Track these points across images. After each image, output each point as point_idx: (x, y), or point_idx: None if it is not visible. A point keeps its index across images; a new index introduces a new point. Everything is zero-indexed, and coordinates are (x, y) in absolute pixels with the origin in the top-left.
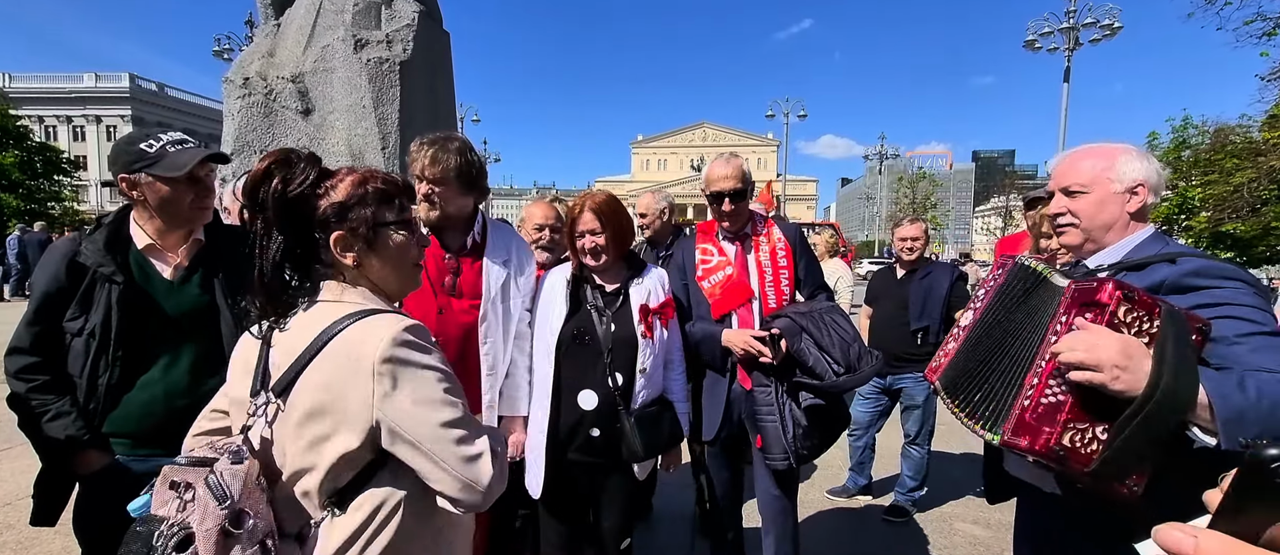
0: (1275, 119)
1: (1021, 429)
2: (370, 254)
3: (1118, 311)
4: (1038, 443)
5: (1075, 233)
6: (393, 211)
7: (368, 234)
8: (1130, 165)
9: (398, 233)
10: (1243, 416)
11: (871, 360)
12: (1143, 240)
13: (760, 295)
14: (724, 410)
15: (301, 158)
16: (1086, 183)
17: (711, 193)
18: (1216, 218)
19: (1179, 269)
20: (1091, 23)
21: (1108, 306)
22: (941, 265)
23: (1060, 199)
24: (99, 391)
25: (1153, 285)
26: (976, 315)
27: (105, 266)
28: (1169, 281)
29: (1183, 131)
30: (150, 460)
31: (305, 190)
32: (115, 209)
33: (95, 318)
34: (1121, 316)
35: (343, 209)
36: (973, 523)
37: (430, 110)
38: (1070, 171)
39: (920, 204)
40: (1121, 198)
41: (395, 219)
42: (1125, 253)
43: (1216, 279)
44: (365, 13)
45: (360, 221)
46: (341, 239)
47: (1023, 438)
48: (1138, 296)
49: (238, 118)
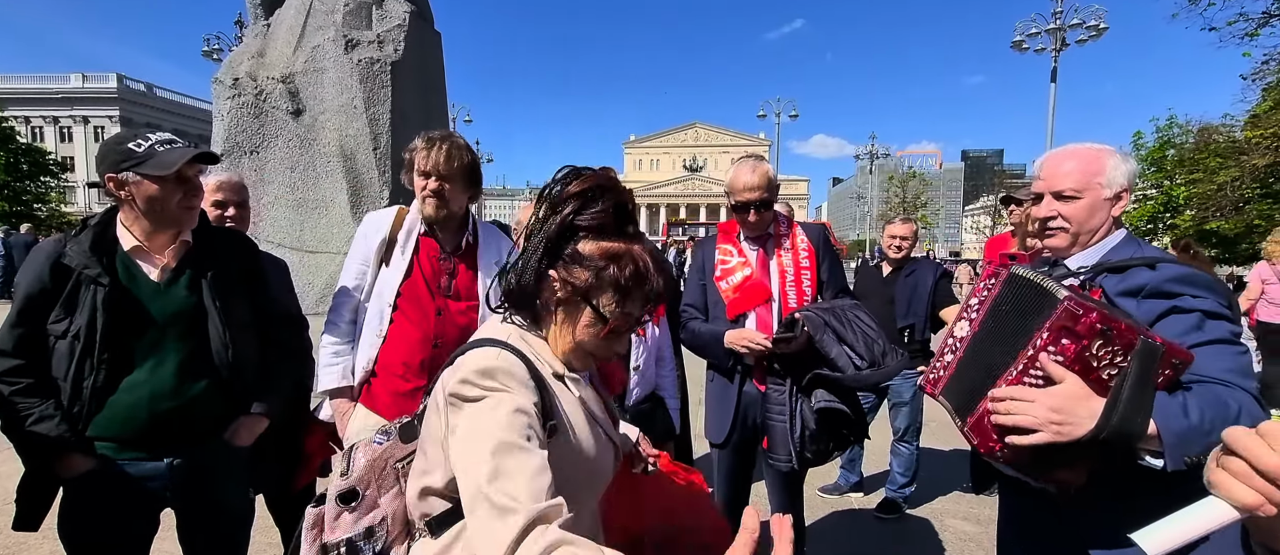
0: (1258, 118)
1: (977, 429)
2: (561, 309)
3: (1091, 346)
4: (983, 446)
5: (1064, 236)
6: (613, 300)
7: (571, 295)
8: (1118, 171)
9: (595, 321)
10: (1186, 440)
11: (896, 356)
12: (1118, 243)
13: (780, 297)
14: (735, 413)
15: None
16: (1079, 187)
17: (738, 202)
18: (1201, 216)
19: (1159, 275)
20: (1078, 24)
21: (1082, 337)
22: (927, 263)
23: (1051, 203)
24: (84, 394)
25: (1133, 288)
26: (974, 328)
27: (91, 268)
28: (1150, 287)
29: (1167, 131)
30: (135, 464)
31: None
32: (102, 211)
33: (80, 320)
34: (1094, 350)
35: (577, 257)
36: (963, 518)
37: (422, 111)
38: (1060, 175)
39: (911, 203)
40: (1109, 203)
41: (605, 309)
42: (1103, 254)
43: (1191, 287)
44: (356, 13)
45: (578, 279)
46: (556, 277)
47: (976, 436)
48: (1117, 334)
49: (227, 118)
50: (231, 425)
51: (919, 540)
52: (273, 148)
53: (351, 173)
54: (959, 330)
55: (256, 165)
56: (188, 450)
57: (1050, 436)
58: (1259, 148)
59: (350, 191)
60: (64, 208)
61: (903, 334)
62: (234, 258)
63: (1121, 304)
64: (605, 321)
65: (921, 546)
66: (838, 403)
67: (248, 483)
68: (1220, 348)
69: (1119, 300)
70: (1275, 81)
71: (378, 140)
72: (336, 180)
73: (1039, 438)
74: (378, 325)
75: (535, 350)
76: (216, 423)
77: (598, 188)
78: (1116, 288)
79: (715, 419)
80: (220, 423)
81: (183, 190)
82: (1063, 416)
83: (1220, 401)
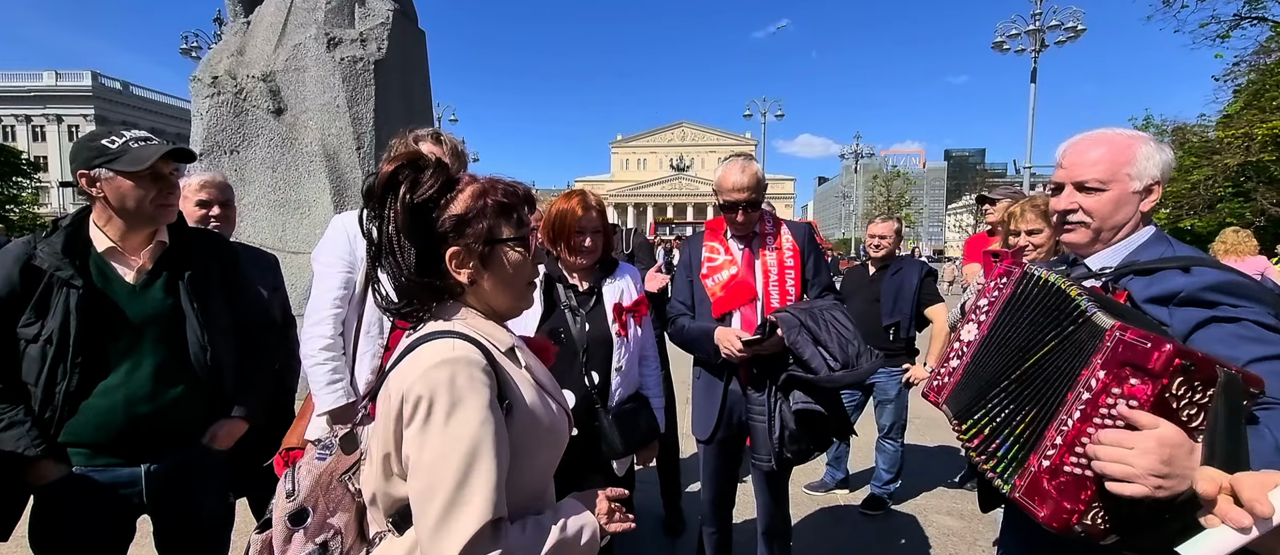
0: (1229, 118)
1: (1036, 492)
2: (483, 272)
3: (1171, 385)
4: (1056, 518)
5: (1085, 232)
6: (511, 227)
7: (483, 250)
8: (1150, 160)
9: (515, 250)
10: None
11: (870, 358)
12: (1145, 241)
13: (764, 295)
14: (721, 411)
15: (429, 164)
16: (1104, 179)
17: (726, 202)
18: (1175, 214)
19: (1196, 281)
20: (1056, 25)
21: (1159, 377)
22: (912, 261)
23: (1072, 194)
24: (56, 399)
25: (1164, 295)
26: (983, 332)
27: (63, 270)
28: (1185, 293)
29: (1143, 130)
30: (109, 471)
31: (429, 199)
32: (73, 211)
33: (52, 323)
34: (1175, 390)
35: (461, 223)
36: (947, 514)
37: (406, 110)
38: (1084, 164)
39: (895, 202)
40: (1138, 197)
41: (513, 235)
42: (1128, 254)
43: (1231, 296)
44: (338, 11)
45: (476, 236)
46: (456, 255)
47: (1039, 505)
48: (1196, 364)
49: (207, 117)
50: (210, 429)
51: (903, 536)
52: (253, 147)
53: (334, 172)
54: (966, 334)
55: (236, 165)
56: (165, 455)
57: (1148, 491)
58: (1230, 147)
59: (333, 191)
60: (37, 209)
61: (888, 332)
62: (212, 259)
63: (1150, 311)
64: (525, 243)
65: (906, 542)
66: (814, 404)
67: (227, 488)
68: (1276, 365)
69: (1146, 307)
70: (1245, 83)
71: (361, 140)
72: (319, 180)
73: (1136, 491)
74: (378, 334)
75: (482, 330)
76: (194, 427)
77: (408, 163)
78: (1144, 293)
79: (701, 416)
80: (198, 427)
81: (157, 188)
82: (1167, 471)
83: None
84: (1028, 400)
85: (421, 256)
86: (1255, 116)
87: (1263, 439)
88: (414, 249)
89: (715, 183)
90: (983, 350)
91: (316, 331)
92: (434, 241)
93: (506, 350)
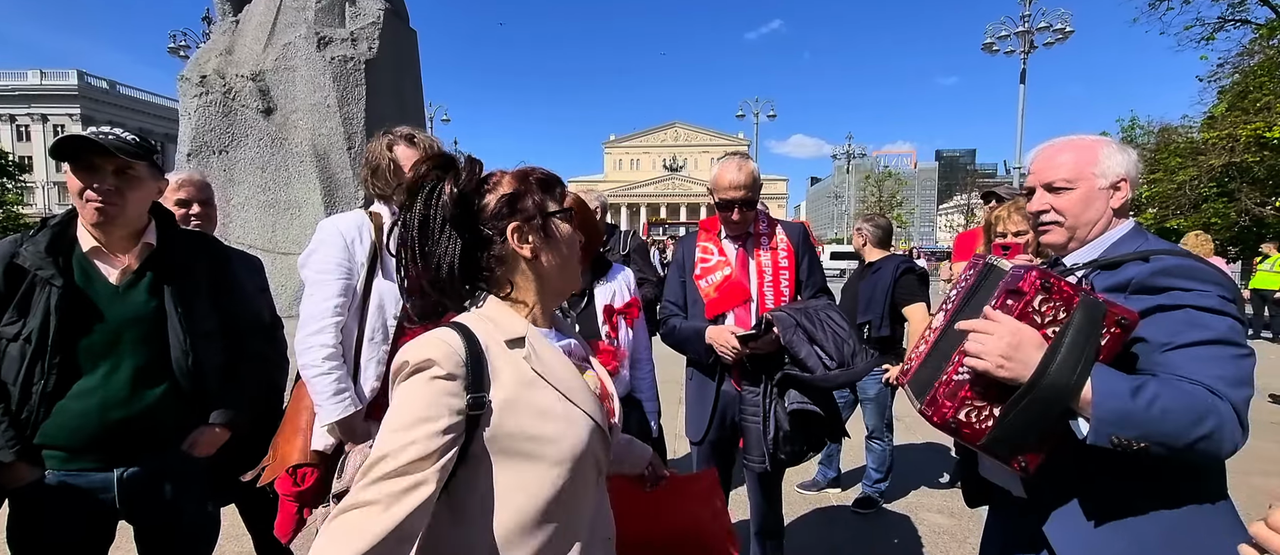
0: (1213, 120)
1: (930, 402)
2: (546, 244)
3: (1033, 300)
4: (937, 414)
5: (1060, 231)
6: (556, 201)
7: (541, 222)
8: (1112, 158)
9: (564, 221)
10: (1123, 419)
11: (865, 357)
12: (1121, 237)
13: (758, 297)
14: (713, 412)
15: (460, 156)
16: (1071, 178)
17: (722, 200)
18: (1161, 214)
19: (1150, 267)
20: (1045, 27)
21: (1026, 295)
22: (890, 260)
23: (1042, 196)
24: (33, 400)
25: (1120, 283)
26: (945, 318)
27: (45, 270)
28: (1136, 280)
29: (1130, 131)
30: (83, 475)
31: (473, 188)
32: (62, 212)
33: (33, 323)
34: (1037, 306)
35: (513, 200)
36: (937, 512)
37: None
38: (1052, 167)
39: (886, 202)
40: (1106, 193)
41: (559, 208)
42: (1103, 250)
43: (1183, 279)
44: (328, 10)
45: (530, 212)
46: (518, 229)
47: (929, 409)
48: (1056, 288)
49: (195, 117)
50: (190, 436)
51: (895, 534)
52: (242, 147)
53: (325, 173)
54: (935, 322)
55: (225, 165)
56: (140, 460)
57: (992, 367)
58: (1215, 148)
59: (324, 192)
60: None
61: (861, 330)
62: (200, 261)
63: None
64: (570, 215)
65: (897, 540)
66: (810, 404)
67: (208, 495)
68: (1210, 349)
69: (1107, 296)
70: (1229, 84)
71: (352, 140)
72: (309, 181)
73: (982, 366)
74: (383, 340)
75: (495, 318)
76: (174, 433)
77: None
78: (1105, 283)
79: (694, 416)
80: (178, 433)
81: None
82: (1012, 354)
83: (1189, 402)
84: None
85: (466, 248)
86: (1239, 118)
87: (1129, 379)
88: (459, 240)
89: (711, 181)
90: (942, 333)
91: (317, 341)
92: (481, 229)
93: (514, 338)
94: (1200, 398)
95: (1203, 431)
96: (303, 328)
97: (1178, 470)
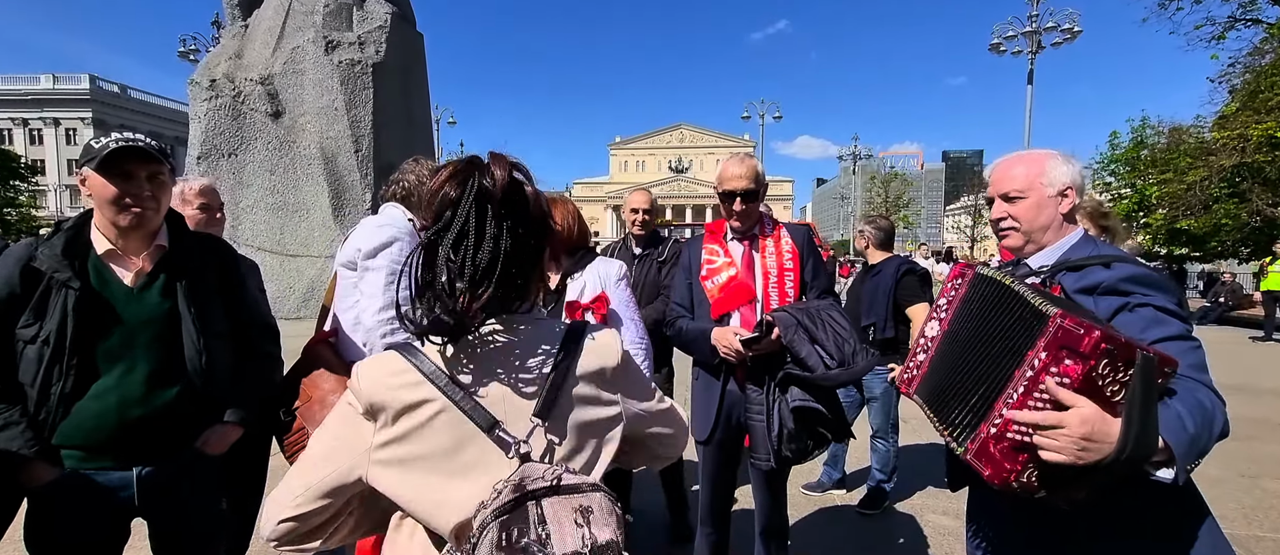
0: (1224, 119)
1: (983, 454)
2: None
3: (1097, 366)
4: (997, 477)
5: (1017, 235)
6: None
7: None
8: (1058, 170)
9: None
10: (1189, 451)
11: (865, 355)
12: (1076, 242)
13: (763, 297)
14: (718, 411)
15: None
16: (1023, 188)
17: (724, 191)
18: (1172, 214)
19: (1114, 274)
20: (1053, 27)
21: (1088, 357)
22: (892, 261)
23: (1001, 204)
24: (51, 401)
25: (1089, 287)
26: (944, 327)
27: (61, 272)
28: (1105, 284)
29: (1141, 132)
30: (102, 474)
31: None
32: (75, 214)
33: (50, 325)
34: (1100, 370)
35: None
36: (942, 513)
37: (405, 113)
38: (1007, 178)
39: (892, 203)
40: (1055, 201)
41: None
42: (1061, 254)
43: (1143, 286)
44: (336, 14)
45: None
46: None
47: (985, 465)
48: (1117, 348)
49: (205, 120)
50: (204, 434)
51: (900, 535)
52: (251, 150)
53: (333, 175)
54: (929, 330)
55: (235, 168)
56: (158, 459)
57: (1074, 458)
58: (1226, 148)
59: (332, 194)
60: (35, 212)
61: (866, 332)
62: (211, 262)
63: (1080, 300)
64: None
65: (902, 541)
66: (813, 401)
67: (221, 492)
68: (1177, 343)
69: (1077, 297)
70: (1240, 84)
71: (359, 143)
72: (318, 183)
73: (1062, 459)
74: None
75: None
76: (188, 431)
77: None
78: (1075, 285)
79: (699, 416)
80: (192, 431)
81: (124, 186)
82: (1090, 441)
83: (1199, 405)
84: (982, 378)
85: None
86: (1250, 118)
87: (1169, 409)
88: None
89: (716, 178)
90: (946, 343)
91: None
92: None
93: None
94: (1202, 396)
95: (1220, 423)
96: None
97: None
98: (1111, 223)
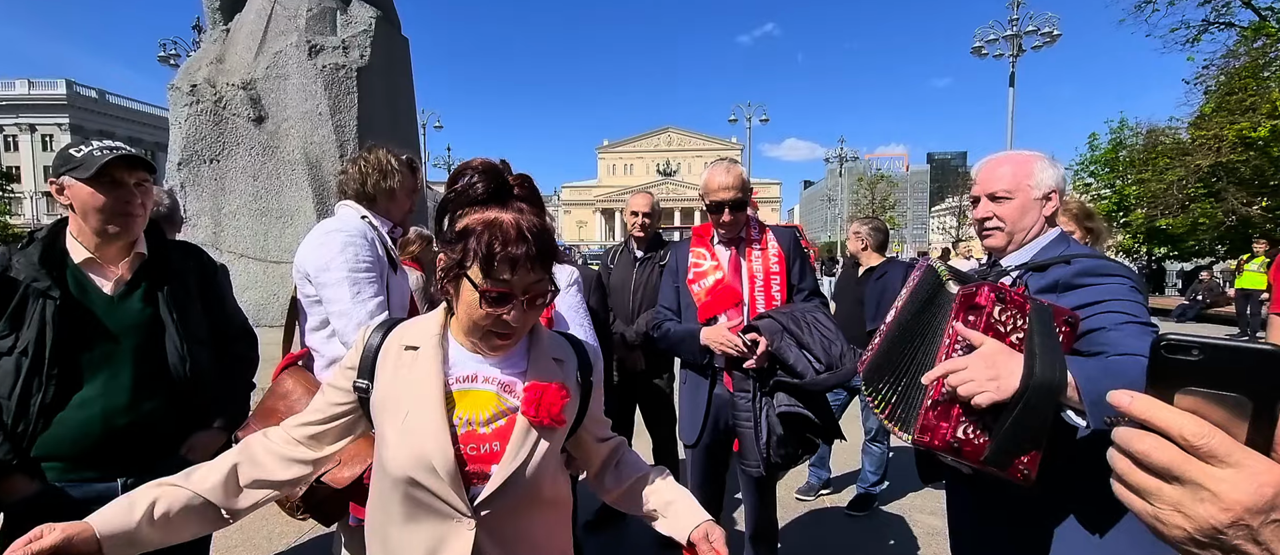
0: (1200, 121)
1: (924, 428)
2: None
3: (993, 312)
4: (936, 438)
5: (1001, 235)
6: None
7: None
8: (1045, 173)
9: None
10: (1097, 394)
11: (852, 357)
12: (1049, 242)
13: (750, 301)
14: (706, 415)
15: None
16: (1010, 189)
17: (712, 202)
18: (1151, 214)
19: (1071, 269)
20: (1033, 30)
21: (985, 308)
22: (896, 264)
23: (986, 204)
24: (31, 412)
25: (1050, 284)
26: (895, 314)
27: (40, 281)
28: (1062, 281)
29: (1119, 133)
30: (85, 485)
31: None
32: (50, 222)
33: (28, 335)
34: (997, 316)
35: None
36: (931, 513)
37: (390, 117)
38: (994, 178)
39: (879, 205)
40: (1040, 203)
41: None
42: (1034, 254)
43: (1099, 277)
44: (319, 18)
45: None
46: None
47: (925, 435)
48: (1009, 297)
49: (186, 126)
50: (189, 440)
51: (889, 535)
52: (234, 156)
53: (317, 181)
54: (888, 317)
55: (216, 174)
56: (142, 470)
57: (992, 394)
58: (1202, 148)
59: (316, 200)
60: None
61: (872, 337)
62: (190, 269)
63: (1043, 298)
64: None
65: (892, 541)
66: (800, 407)
67: None
68: (1132, 326)
69: (1040, 296)
70: (1215, 86)
71: (344, 148)
72: (301, 189)
73: (983, 398)
74: None
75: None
76: (173, 439)
77: (462, 167)
78: (1037, 285)
79: (687, 420)
80: (176, 439)
81: (114, 194)
82: (996, 371)
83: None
84: (915, 363)
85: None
86: (1225, 118)
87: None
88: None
89: (702, 186)
90: (891, 330)
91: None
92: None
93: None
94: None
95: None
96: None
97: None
98: (1096, 224)
